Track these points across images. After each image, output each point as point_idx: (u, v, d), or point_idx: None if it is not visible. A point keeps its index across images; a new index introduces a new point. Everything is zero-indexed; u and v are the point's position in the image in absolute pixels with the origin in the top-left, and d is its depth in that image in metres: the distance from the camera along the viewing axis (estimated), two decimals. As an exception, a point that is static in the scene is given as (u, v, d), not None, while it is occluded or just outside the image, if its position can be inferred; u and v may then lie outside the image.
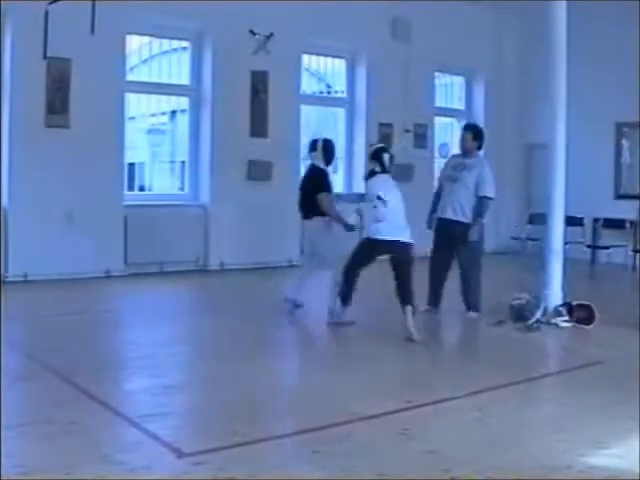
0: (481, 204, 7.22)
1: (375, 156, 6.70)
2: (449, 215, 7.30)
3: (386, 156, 6.69)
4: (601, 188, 11.80)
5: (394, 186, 6.63)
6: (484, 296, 7.36)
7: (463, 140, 7.53)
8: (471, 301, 7.29)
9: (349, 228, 6.99)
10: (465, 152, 7.48)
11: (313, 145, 7.34)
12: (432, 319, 7.26)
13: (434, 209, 7.53)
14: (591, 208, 11.54)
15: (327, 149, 7.30)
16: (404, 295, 6.41)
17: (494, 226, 13.08)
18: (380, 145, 7.10)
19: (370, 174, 6.69)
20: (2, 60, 8.61)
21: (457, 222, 7.24)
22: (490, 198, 7.27)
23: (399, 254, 6.45)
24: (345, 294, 6.70)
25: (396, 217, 6.50)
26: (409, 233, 6.51)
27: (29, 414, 4.22)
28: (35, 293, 8.16)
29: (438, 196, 7.55)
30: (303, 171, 8.03)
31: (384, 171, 6.61)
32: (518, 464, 3.63)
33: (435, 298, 7.41)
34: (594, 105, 11.32)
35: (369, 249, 6.59)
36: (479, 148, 7.50)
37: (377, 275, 7.33)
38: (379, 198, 6.46)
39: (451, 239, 7.28)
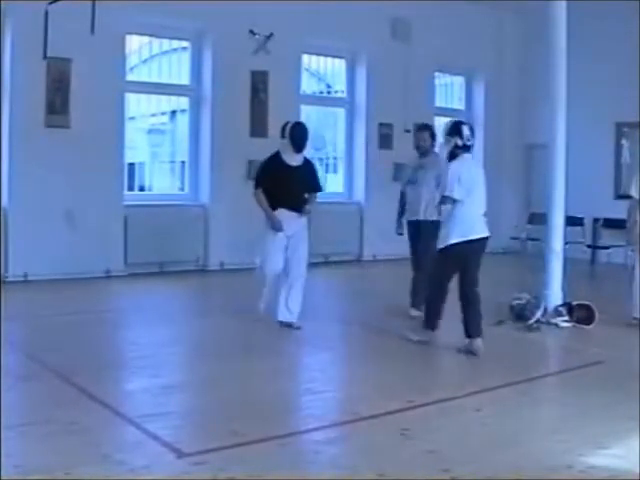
0: (441, 202, 7.08)
1: (454, 130, 5.93)
2: (414, 217, 7.21)
3: (466, 128, 5.95)
4: (601, 188, 11.80)
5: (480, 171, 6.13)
6: (484, 296, 7.33)
7: (420, 140, 7.32)
8: (416, 299, 7.11)
9: (278, 228, 6.47)
10: (422, 152, 7.31)
11: (282, 129, 6.65)
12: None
13: (402, 214, 7.40)
14: (591, 208, 11.55)
15: (294, 136, 6.54)
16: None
17: (494, 226, 13.14)
18: (458, 119, 6.41)
19: (453, 153, 5.93)
20: (2, 60, 8.61)
21: (422, 221, 7.13)
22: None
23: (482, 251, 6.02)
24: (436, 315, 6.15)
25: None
26: None
27: (29, 414, 4.22)
28: (35, 293, 8.16)
29: (403, 201, 7.42)
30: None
31: (465, 146, 5.90)
32: (518, 464, 3.63)
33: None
34: (594, 105, 11.32)
35: (474, 252, 5.96)
36: (433, 146, 7.35)
37: (375, 275, 7.34)
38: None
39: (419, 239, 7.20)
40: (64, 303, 7.64)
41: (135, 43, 10.06)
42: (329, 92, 12.34)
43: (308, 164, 6.73)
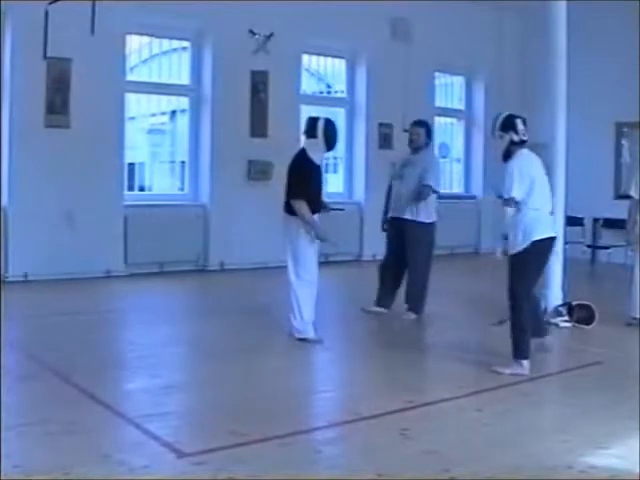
0: (420, 190, 6.97)
1: (508, 125, 5.37)
2: (398, 214, 7.15)
3: (520, 122, 5.38)
4: (601, 188, 11.79)
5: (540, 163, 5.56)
6: (485, 295, 7.34)
7: (415, 135, 7.25)
8: (411, 303, 7.13)
9: (324, 239, 6.08)
10: (415, 149, 7.25)
11: (312, 128, 6.15)
12: (425, 319, 7.24)
13: (387, 210, 7.34)
14: (591, 208, 11.55)
15: (329, 134, 6.14)
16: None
17: (494, 226, 13.15)
18: (508, 112, 5.68)
19: (508, 150, 5.38)
20: (2, 60, 8.61)
21: (405, 220, 7.09)
22: (431, 187, 7.02)
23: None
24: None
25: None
26: None
27: (29, 414, 4.21)
28: (35, 293, 8.15)
29: (389, 196, 7.36)
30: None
31: (522, 141, 5.38)
32: (518, 464, 3.63)
33: (384, 299, 7.23)
34: (594, 105, 11.31)
35: (542, 253, 5.39)
36: (427, 144, 7.34)
37: (375, 275, 7.32)
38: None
39: (401, 238, 7.13)
40: (64, 303, 7.64)
41: (135, 43, 10.04)
42: (329, 92, 12.33)
43: None
